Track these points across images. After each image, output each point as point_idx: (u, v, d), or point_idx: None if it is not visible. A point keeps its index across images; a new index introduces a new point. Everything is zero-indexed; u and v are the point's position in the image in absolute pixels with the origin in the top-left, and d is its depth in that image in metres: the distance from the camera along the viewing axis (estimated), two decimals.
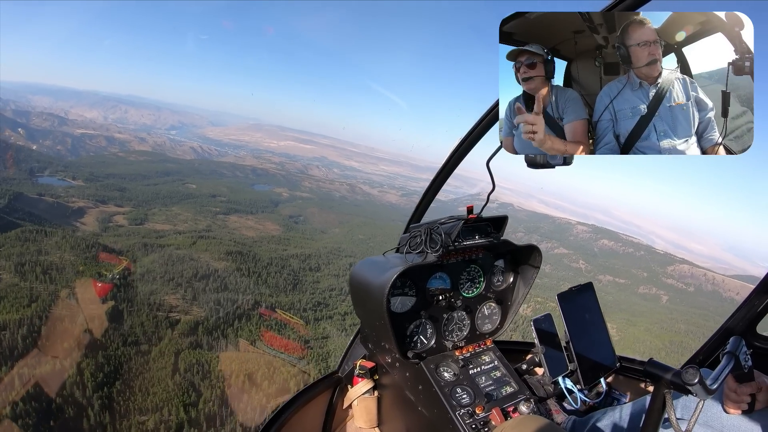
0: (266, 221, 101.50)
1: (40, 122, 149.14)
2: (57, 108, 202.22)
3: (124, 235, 77.73)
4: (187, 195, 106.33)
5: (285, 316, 55.35)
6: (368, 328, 3.10)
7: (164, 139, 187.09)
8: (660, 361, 1.65)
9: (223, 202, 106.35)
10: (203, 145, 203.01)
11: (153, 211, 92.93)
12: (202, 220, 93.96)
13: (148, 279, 53.85)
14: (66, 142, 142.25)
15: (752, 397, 2.01)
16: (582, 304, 2.69)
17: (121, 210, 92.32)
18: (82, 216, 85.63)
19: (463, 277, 3.06)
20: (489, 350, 3.03)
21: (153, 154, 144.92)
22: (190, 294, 53.25)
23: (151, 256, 61.15)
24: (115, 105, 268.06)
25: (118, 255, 57.82)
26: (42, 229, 57.66)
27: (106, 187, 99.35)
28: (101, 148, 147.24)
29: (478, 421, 2.46)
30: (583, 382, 2.56)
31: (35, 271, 47.01)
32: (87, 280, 48.17)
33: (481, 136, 2.77)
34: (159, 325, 47.04)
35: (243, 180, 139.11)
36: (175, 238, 74.69)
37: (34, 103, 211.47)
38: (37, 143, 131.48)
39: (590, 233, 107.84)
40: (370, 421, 3.15)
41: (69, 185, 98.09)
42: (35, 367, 35.27)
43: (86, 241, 57.38)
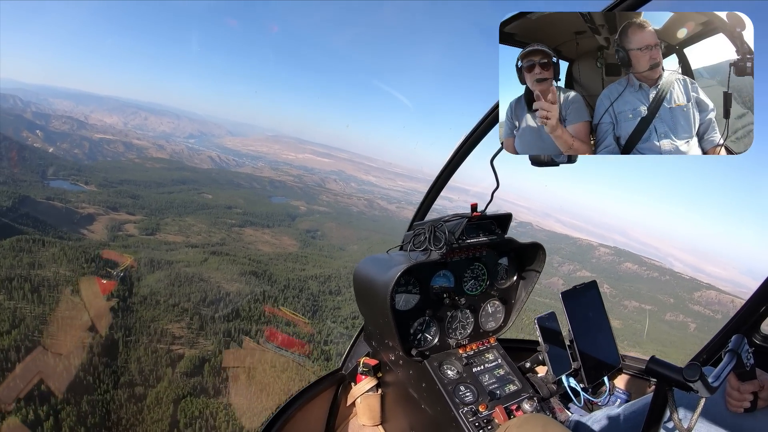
0: (283, 235, 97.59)
1: (60, 125, 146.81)
2: (77, 112, 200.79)
3: (132, 246, 72.30)
4: (202, 205, 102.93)
5: (290, 314, 53.62)
6: (372, 325, 3.09)
7: (182, 147, 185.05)
8: (662, 359, 1.65)
9: (239, 214, 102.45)
10: (221, 154, 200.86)
11: (166, 221, 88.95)
12: (216, 233, 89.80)
13: (150, 302, 46.92)
14: (84, 146, 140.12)
15: (754, 395, 2.02)
16: (586, 303, 2.73)
17: (133, 218, 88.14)
18: (91, 223, 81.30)
19: (467, 275, 3.06)
20: (492, 348, 3.02)
21: (170, 162, 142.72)
22: (197, 323, 46.30)
23: (156, 273, 54.55)
24: (136, 111, 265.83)
25: (118, 271, 51.57)
26: (40, 238, 51.68)
27: (119, 193, 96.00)
28: (119, 153, 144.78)
29: (482, 419, 2.45)
30: (586, 380, 2.58)
31: (23, 288, 40.90)
32: (80, 301, 41.83)
33: (483, 135, 2.86)
34: (159, 360, 40.20)
35: (260, 192, 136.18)
36: (186, 252, 69.25)
37: (55, 106, 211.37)
38: (54, 146, 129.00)
39: (613, 256, 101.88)
40: (373, 419, 3.14)
41: (81, 190, 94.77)
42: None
43: (87, 254, 50.96)
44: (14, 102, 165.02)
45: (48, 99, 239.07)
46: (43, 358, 34.29)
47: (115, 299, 44.29)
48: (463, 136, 3.01)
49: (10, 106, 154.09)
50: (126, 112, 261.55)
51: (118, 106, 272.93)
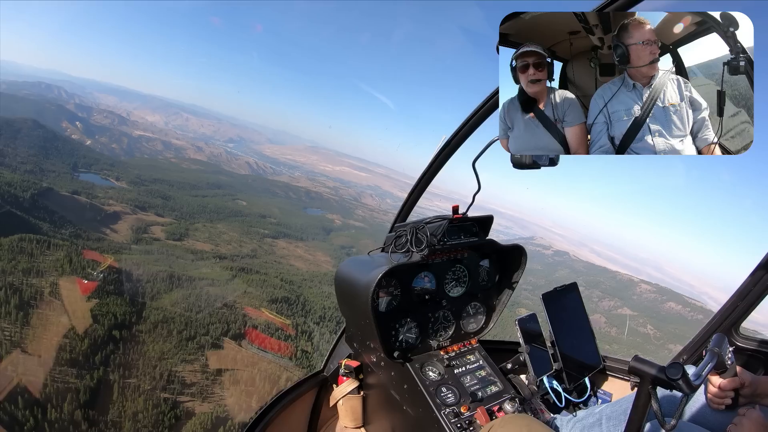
0: (317, 251, 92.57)
1: (101, 119, 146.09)
2: (120, 108, 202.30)
3: (155, 252, 65.04)
4: (235, 212, 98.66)
5: (272, 316, 48.58)
6: (353, 327, 3.07)
7: (221, 150, 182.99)
8: (646, 358, 1.67)
9: (273, 224, 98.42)
10: (259, 161, 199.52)
11: (195, 226, 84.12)
12: (247, 243, 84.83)
13: (161, 333, 37.17)
14: (122, 141, 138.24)
15: (735, 393, 2.08)
16: (566, 305, 2.83)
17: (161, 220, 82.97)
18: (116, 222, 75.79)
19: (449, 276, 3.08)
20: (474, 350, 3.03)
21: (207, 165, 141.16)
22: (214, 365, 36.37)
23: (175, 293, 45.51)
24: (178, 112, 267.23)
25: (131, 285, 42.76)
26: (46, 239, 43.79)
27: (150, 192, 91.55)
28: (156, 151, 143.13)
29: (464, 420, 2.44)
30: (567, 381, 2.68)
31: (9, 302, 32.57)
32: (73, 323, 32.89)
33: (468, 134, 2.82)
34: (160, 421, 30.07)
35: (295, 202, 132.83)
36: (213, 266, 61.04)
37: (100, 100, 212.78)
38: (93, 138, 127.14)
39: (655, 293, 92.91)
40: (355, 421, 3.13)
41: (110, 185, 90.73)
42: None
43: (93, 265, 42.38)
44: (59, 93, 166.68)
45: (93, 93, 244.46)
46: (8, 407, 25.36)
47: (119, 324, 34.85)
48: (445, 137, 2.94)
49: (54, 96, 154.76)
50: (168, 111, 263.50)
51: (161, 106, 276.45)
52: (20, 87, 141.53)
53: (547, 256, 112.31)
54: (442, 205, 3.14)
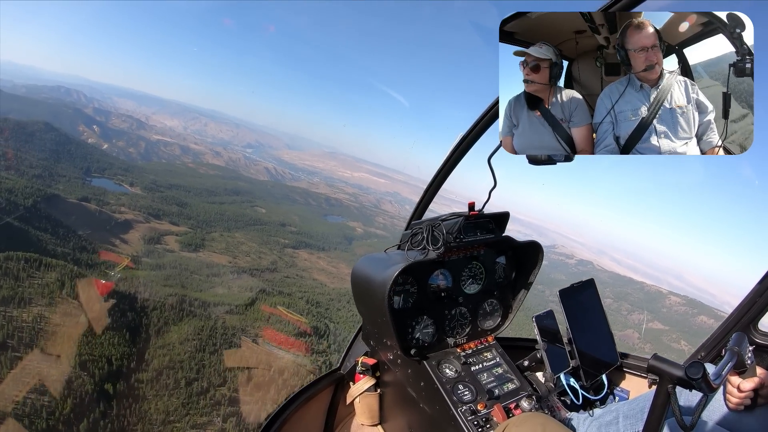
0: (340, 262, 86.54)
1: (119, 123, 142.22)
2: (139, 113, 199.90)
3: (168, 266, 58.43)
4: (255, 220, 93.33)
5: (287, 313, 46.80)
6: (370, 325, 3.07)
7: (240, 155, 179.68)
8: (665, 357, 1.66)
9: (293, 233, 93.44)
10: (278, 167, 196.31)
11: (212, 236, 78.95)
12: (267, 254, 79.60)
13: (166, 382, 29.75)
14: (140, 145, 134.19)
15: (755, 393, 2.03)
16: (583, 301, 2.76)
17: (175, 229, 77.31)
18: (126, 231, 70.14)
19: (465, 273, 3.05)
20: (491, 347, 3.01)
21: (225, 170, 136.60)
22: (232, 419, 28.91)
23: (186, 325, 38.01)
24: (196, 117, 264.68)
25: (134, 316, 35.63)
26: (38, 258, 36.99)
27: (165, 199, 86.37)
28: (174, 156, 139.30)
29: (480, 417, 2.43)
30: (584, 378, 2.62)
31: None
32: (60, 373, 25.77)
33: (481, 133, 2.81)
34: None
35: (316, 209, 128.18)
36: (230, 285, 54.09)
37: (118, 105, 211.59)
38: (110, 142, 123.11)
39: (685, 306, 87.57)
40: (372, 418, 3.10)
41: (123, 191, 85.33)
42: None
43: (92, 291, 35.53)
44: (78, 96, 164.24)
45: (112, 97, 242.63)
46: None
47: (114, 373, 27.58)
48: (460, 134, 2.93)
49: (72, 100, 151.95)
50: (187, 116, 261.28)
51: (179, 110, 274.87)
52: (39, 91, 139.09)
53: (571, 266, 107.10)
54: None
